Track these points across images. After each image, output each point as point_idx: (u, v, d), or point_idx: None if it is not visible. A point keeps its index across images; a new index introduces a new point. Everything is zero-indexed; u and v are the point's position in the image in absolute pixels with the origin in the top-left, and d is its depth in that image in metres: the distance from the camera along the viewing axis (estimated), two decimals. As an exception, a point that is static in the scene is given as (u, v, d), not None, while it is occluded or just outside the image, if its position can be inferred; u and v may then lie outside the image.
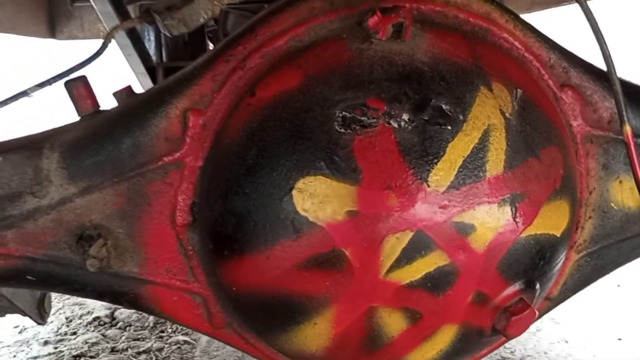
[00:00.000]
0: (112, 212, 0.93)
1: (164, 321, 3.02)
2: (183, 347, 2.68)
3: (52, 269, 0.95)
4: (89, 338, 2.79)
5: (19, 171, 0.88)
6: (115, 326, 2.95)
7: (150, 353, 2.62)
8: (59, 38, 3.87)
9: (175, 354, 2.62)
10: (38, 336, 2.95)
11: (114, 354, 2.63)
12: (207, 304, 0.98)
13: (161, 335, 2.85)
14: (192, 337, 2.80)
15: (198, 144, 0.91)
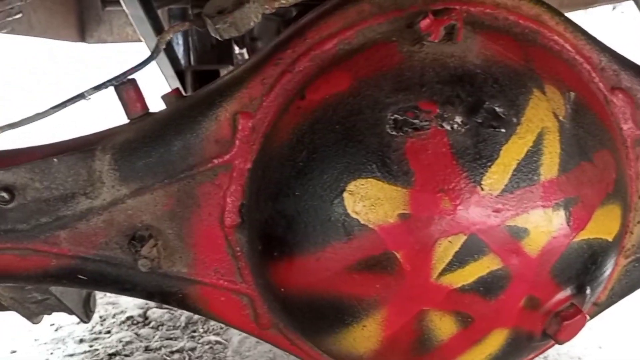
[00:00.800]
0: (163, 213, 0.95)
1: (196, 321, 3.06)
2: (215, 347, 2.71)
3: (104, 268, 0.97)
4: (123, 337, 2.84)
5: (73, 172, 0.91)
6: (148, 325, 3.00)
7: (183, 352, 2.65)
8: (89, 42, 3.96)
9: (207, 354, 2.64)
10: (73, 334, 3.01)
11: (148, 352, 2.67)
12: (253, 304, 0.99)
13: (193, 335, 2.89)
14: (223, 338, 2.82)
15: (247, 147, 0.92)
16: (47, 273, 0.98)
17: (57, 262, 0.97)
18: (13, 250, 0.96)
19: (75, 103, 0.89)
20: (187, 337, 2.86)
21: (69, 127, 4.97)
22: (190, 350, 2.69)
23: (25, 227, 0.95)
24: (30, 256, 0.96)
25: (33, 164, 0.89)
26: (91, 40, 3.94)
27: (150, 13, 3.48)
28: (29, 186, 0.88)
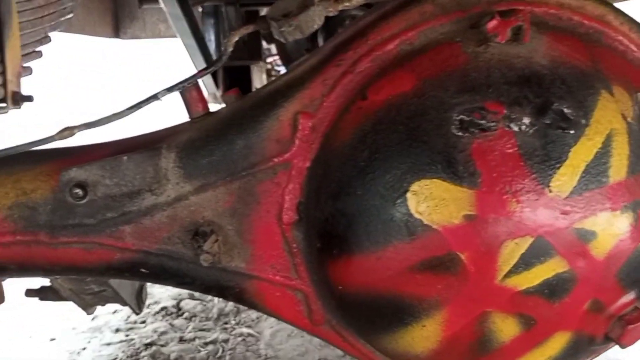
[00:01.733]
0: (224, 209, 0.97)
1: (228, 313, 3.10)
2: (248, 340, 2.74)
3: (165, 262, 1.00)
4: (158, 327, 2.90)
5: (141, 170, 0.93)
6: (182, 316, 3.05)
7: (216, 344, 2.69)
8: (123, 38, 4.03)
9: (240, 346, 2.68)
10: (109, 324, 3.08)
11: (182, 343, 2.71)
12: (308, 300, 1.00)
13: (225, 327, 2.93)
14: (255, 330, 2.86)
15: (306, 146, 0.93)
16: (110, 266, 1.01)
17: (121, 256, 1.00)
18: (79, 244, 0.99)
19: (149, 104, 0.91)
20: (220, 329, 2.90)
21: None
22: (224, 341, 2.73)
23: (92, 222, 0.98)
24: (95, 250, 0.99)
25: (104, 162, 0.91)
26: (125, 37, 4.02)
27: (186, 10, 3.53)
28: (99, 183, 0.91)
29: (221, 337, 2.78)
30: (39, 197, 0.98)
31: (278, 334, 2.79)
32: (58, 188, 0.98)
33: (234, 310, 3.13)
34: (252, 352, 2.62)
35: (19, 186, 0.99)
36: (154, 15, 4.19)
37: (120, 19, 3.92)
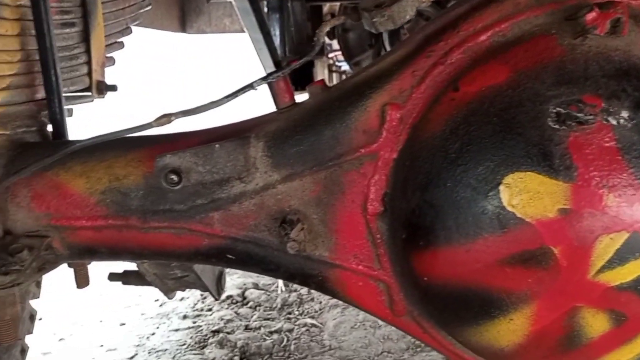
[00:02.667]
0: (310, 199, 0.99)
1: (291, 303, 3.16)
2: (311, 330, 2.79)
3: (252, 249, 1.03)
4: (224, 315, 2.98)
5: (232, 158, 0.96)
6: (247, 305, 3.13)
7: (281, 333, 2.75)
8: (189, 32, 4.15)
9: (304, 336, 2.72)
10: (177, 310, 3.19)
11: (248, 331, 2.79)
12: (390, 291, 1.01)
13: (289, 317, 2.98)
14: (318, 321, 2.89)
15: (394, 137, 0.94)
16: (198, 251, 1.06)
17: (209, 242, 1.04)
18: (170, 229, 1.04)
19: (245, 93, 0.95)
20: (284, 319, 2.96)
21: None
22: (288, 331, 2.78)
23: (182, 208, 1.02)
24: (184, 235, 1.04)
25: (197, 149, 0.95)
26: (191, 31, 4.14)
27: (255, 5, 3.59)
28: (192, 169, 0.95)
29: (285, 326, 2.83)
30: (131, 183, 1.04)
31: (341, 326, 2.82)
32: (150, 174, 1.03)
33: (297, 301, 3.18)
34: (316, 342, 2.66)
35: (111, 172, 1.05)
36: (219, 9, 4.29)
37: (187, 13, 4.05)
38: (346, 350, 2.58)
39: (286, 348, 2.63)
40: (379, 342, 2.65)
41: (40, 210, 1.04)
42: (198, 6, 4.09)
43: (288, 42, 4.24)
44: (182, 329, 2.91)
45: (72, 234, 1.04)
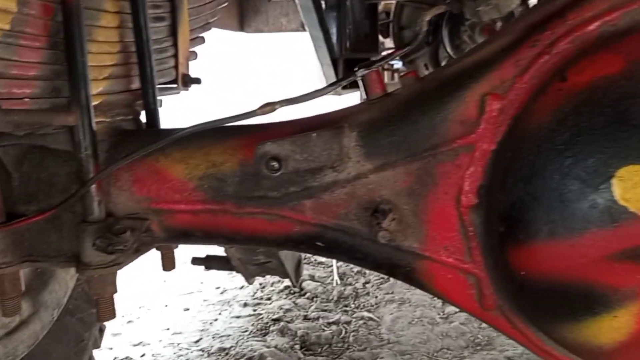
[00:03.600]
0: (401, 189, 0.99)
1: (347, 296, 3.17)
2: (369, 323, 2.80)
3: (340, 237, 1.04)
4: (283, 304, 3.03)
5: (328, 147, 0.98)
6: (304, 296, 3.17)
7: (339, 325, 2.77)
8: (247, 31, 4.21)
9: (362, 329, 2.74)
10: (237, 298, 3.27)
11: (307, 321, 2.82)
12: (480, 284, 1.00)
13: (346, 310, 3.00)
14: (375, 315, 2.90)
15: (492, 128, 0.93)
16: (289, 238, 1.07)
17: (300, 229, 1.06)
18: (263, 215, 1.06)
19: (347, 81, 0.96)
20: (341, 311, 2.98)
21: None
22: (346, 323, 2.80)
23: (276, 195, 1.04)
24: (277, 221, 1.06)
25: (295, 138, 0.97)
26: (249, 30, 4.20)
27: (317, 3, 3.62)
28: (290, 157, 0.97)
29: (343, 318, 2.85)
30: (228, 170, 1.07)
31: (399, 321, 2.82)
32: (245, 161, 1.06)
33: (353, 294, 3.20)
34: (374, 335, 2.66)
35: (209, 159, 1.08)
36: (277, 9, 4.34)
37: (245, 12, 4.11)
38: (404, 345, 2.58)
39: (345, 339, 2.64)
40: (438, 339, 2.63)
41: (141, 194, 1.08)
42: (256, 5, 4.14)
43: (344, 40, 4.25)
44: (244, 316, 2.98)
45: (170, 217, 1.08)
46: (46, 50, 0.99)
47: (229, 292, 3.34)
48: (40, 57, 0.97)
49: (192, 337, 2.75)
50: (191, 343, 2.67)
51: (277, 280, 3.38)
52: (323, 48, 3.93)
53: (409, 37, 4.84)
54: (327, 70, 4.12)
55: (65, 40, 1.00)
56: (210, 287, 3.43)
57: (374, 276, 3.42)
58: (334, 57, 3.98)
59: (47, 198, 1.12)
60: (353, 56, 4.11)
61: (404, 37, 4.86)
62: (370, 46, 4.32)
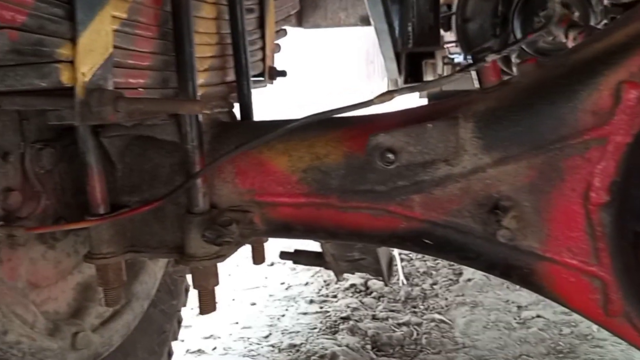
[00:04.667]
0: (522, 184, 0.93)
1: (415, 297, 3.10)
2: (441, 326, 2.72)
3: (451, 235, 0.99)
4: (350, 303, 2.99)
5: (444, 139, 0.92)
6: (370, 295, 3.12)
7: (409, 326, 2.71)
8: (305, 27, 4.20)
9: (435, 331, 2.66)
10: (302, 294, 3.25)
11: (376, 321, 2.77)
12: (606, 289, 0.93)
13: (414, 311, 2.93)
14: (447, 317, 2.82)
15: (629, 119, 0.85)
16: (394, 234, 1.03)
17: (406, 225, 1.01)
18: (368, 209, 1.02)
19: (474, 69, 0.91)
20: (409, 312, 2.91)
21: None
22: (416, 325, 2.73)
23: (383, 189, 1.00)
24: (382, 217, 1.02)
25: (409, 129, 0.92)
26: (307, 26, 4.18)
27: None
28: (404, 149, 0.93)
29: (413, 320, 2.78)
30: (332, 162, 1.03)
31: (472, 324, 2.72)
32: (350, 154, 1.02)
33: (421, 295, 3.12)
34: (448, 339, 2.58)
35: (312, 151, 1.05)
36: (335, 3, 4.30)
37: (303, 7, 4.09)
38: (481, 349, 2.49)
39: (417, 341, 2.58)
40: (516, 345, 2.53)
41: (244, 186, 1.06)
42: (315, 1, 4.13)
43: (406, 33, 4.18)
44: (311, 313, 2.96)
45: (273, 210, 1.06)
46: (157, 40, 0.98)
47: (293, 288, 3.34)
48: (152, 47, 0.97)
49: (261, 332, 2.75)
50: (261, 338, 2.67)
51: (342, 277, 3.35)
52: (387, 42, 3.87)
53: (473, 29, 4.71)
54: (389, 64, 4.06)
55: (174, 29, 1.00)
56: (275, 282, 3.43)
57: (441, 277, 3.33)
58: (397, 51, 3.92)
59: (150, 189, 1.12)
60: (416, 50, 4.03)
61: (468, 30, 4.72)
62: (433, 39, 4.22)
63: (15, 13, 0.63)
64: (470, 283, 3.19)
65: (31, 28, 0.66)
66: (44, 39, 0.68)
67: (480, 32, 4.79)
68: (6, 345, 1.04)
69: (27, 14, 0.65)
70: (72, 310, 1.31)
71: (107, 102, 0.76)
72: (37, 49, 0.68)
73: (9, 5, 0.63)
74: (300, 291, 3.29)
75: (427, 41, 4.23)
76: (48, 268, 1.24)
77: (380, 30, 3.81)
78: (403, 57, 3.97)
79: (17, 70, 0.73)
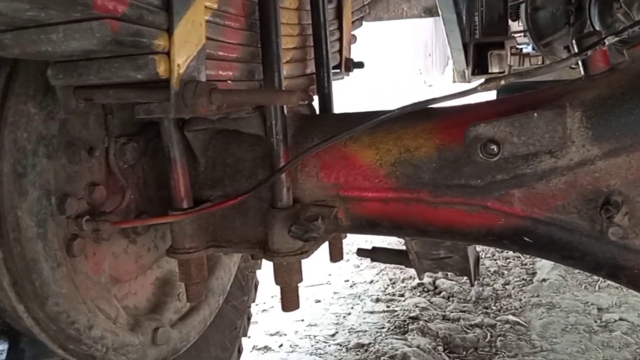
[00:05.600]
0: (635, 178, 0.85)
1: (486, 297, 2.98)
2: (516, 328, 2.60)
3: (554, 233, 0.92)
4: (418, 302, 2.91)
5: (551, 129, 0.85)
6: (439, 295, 3.02)
7: (482, 328, 2.60)
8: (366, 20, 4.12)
9: (510, 334, 2.55)
10: (367, 293, 3.20)
11: (447, 322, 2.68)
12: None
13: (487, 312, 2.82)
14: (522, 319, 2.69)
15: None
16: (490, 232, 0.97)
17: (504, 222, 0.95)
18: (463, 205, 0.96)
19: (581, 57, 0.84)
20: (481, 313, 2.80)
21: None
22: (490, 327, 2.62)
23: (479, 183, 0.94)
24: (478, 213, 0.96)
25: (513, 118, 0.86)
26: (369, 19, 4.11)
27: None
28: (507, 140, 0.86)
29: (486, 321, 2.67)
30: (423, 155, 0.98)
31: (550, 327, 2.59)
32: (444, 146, 0.97)
33: (493, 295, 3.00)
34: (524, 341, 2.47)
35: (400, 143, 1.00)
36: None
37: (365, 0, 4.02)
38: (560, 353, 2.36)
39: (492, 344, 2.47)
40: (598, 349, 2.38)
41: (328, 181, 1.03)
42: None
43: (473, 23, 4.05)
44: (377, 311, 2.90)
45: (358, 205, 1.02)
46: (244, 31, 0.96)
47: (358, 286, 3.29)
48: (240, 38, 0.95)
49: (328, 330, 2.72)
50: (327, 336, 2.65)
51: (408, 276, 3.28)
52: (455, 32, 3.75)
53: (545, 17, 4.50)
54: (456, 55, 3.94)
55: (260, 20, 0.97)
56: (339, 279, 3.40)
57: (513, 277, 3.20)
58: (464, 41, 3.80)
59: (232, 183, 1.10)
60: (485, 40, 3.90)
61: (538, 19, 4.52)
62: (502, 29, 4.08)
63: (116, 3, 0.62)
64: (546, 283, 3.04)
65: (131, 18, 0.65)
66: (142, 30, 0.67)
67: (552, 21, 4.58)
68: (91, 340, 1.05)
69: (128, 3, 0.64)
70: (151, 306, 1.32)
71: (202, 94, 0.74)
72: (137, 40, 0.67)
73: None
74: (365, 289, 3.24)
75: (495, 31, 4.09)
76: (129, 263, 1.25)
77: (449, 21, 3.70)
78: (471, 48, 3.85)
79: (113, 62, 0.73)
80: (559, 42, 4.58)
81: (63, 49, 0.65)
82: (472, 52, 3.94)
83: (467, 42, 3.89)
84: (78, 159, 1.05)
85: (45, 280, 0.93)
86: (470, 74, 4.06)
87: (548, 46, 4.69)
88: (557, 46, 4.61)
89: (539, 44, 4.73)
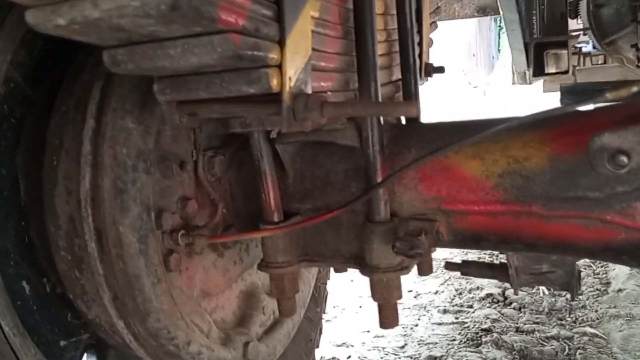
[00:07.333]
0: None
1: (560, 308, 2.85)
2: (595, 340, 2.47)
3: (686, 248, 0.84)
4: (489, 314, 2.81)
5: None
6: (509, 306, 2.91)
7: (559, 340, 2.48)
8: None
9: (589, 347, 2.42)
10: (433, 304, 3.12)
11: (520, 334, 2.58)
12: None
13: (561, 323, 2.69)
14: (600, 331, 2.56)
15: None
16: (607, 247, 0.90)
17: (625, 236, 0.87)
18: (579, 219, 0.90)
19: None
20: (556, 325, 2.68)
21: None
22: (567, 339, 2.50)
23: (597, 196, 0.88)
24: (594, 227, 0.89)
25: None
26: None
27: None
28: (634, 151, 0.80)
29: (562, 333, 2.55)
30: (534, 166, 0.92)
31: (632, 339, 2.45)
32: (556, 156, 0.91)
33: (566, 306, 2.87)
34: (606, 355, 2.34)
35: (508, 154, 0.94)
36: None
37: (415, 1, 3.95)
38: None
39: (571, 357, 2.36)
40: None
41: (428, 193, 0.98)
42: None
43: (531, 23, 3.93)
44: (446, 323, 2.82)
45: (462, 219, 0.97)
46: (341, 40, 0.93)
47: (423, 296, 3.22)
48: (337, 48, 0.91)
49: (396, 342, 2.66)
50: (397, 348, 2.58)
51: (475, 287, 3.17)
52: (516, 32, 3.64)
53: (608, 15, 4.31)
54: (517, 55, 3.82)
55: (356, 27, 0.94)
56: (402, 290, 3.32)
57: (587, 287, 3.05)
58: (525, 40, 3.69)
59: (322, 196, 1.07)
60: (546, 39, 3.77)
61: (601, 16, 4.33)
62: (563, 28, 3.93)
63: (238, 16, 0.60)
64: (622, 294, 2.89)
65: (249, 31, 0.62)
66: (258, 43, 0.65)
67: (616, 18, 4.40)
68: (189, 356, 1.03)
69: (247, 17, 0.62)
70: (237, 319, 1.30)
71: (314, 107, 0.71)
72: (254, 54, 0.64)
73: (233, 7, 0.59)
74: (430, 300, 3.16)
75: (556, 30, 3.95)
76: (218, 276, 1.24)
77: (510, 20, 3.59)
78: (531, 48, 3.72)
79: (223, 76, 0.71)
80: (625, 41, 4.38)
81: (181, 65, 0.64)
82: (533, 51, 3.81)
83: (527, 42, 3.77)
84: (170, 173, 1.04)
85: (147, 297, 0.92)
86: (532, 75, 3.93)
87: (612, 44, 4.50)
88: (623, 45, 4.41)
89: (602, 42, 4.53)
